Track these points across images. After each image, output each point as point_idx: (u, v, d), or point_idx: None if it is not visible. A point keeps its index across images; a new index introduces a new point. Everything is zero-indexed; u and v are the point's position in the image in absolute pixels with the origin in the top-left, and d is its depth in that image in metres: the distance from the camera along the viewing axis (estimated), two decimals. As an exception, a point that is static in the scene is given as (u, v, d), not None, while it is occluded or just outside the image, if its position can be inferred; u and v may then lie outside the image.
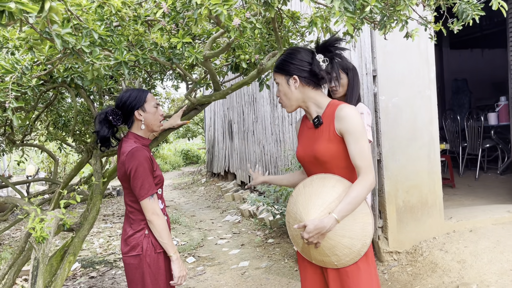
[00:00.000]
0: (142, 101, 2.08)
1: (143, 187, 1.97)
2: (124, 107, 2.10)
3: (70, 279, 4.38)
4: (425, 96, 3.92)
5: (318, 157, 1.80)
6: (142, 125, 2.10)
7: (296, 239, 1.81)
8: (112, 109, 2.13)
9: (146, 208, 2.00)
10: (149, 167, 2.01)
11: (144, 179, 1.98)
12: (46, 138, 4.17)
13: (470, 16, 1.67)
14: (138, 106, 2.08)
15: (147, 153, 2.04)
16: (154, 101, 2.14)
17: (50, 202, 3.21)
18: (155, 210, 2.00)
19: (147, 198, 1.98)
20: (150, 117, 2.10)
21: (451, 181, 5.99)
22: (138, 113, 2.09)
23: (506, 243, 3.57)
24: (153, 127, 2.14)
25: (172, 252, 2.05)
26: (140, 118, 2.09)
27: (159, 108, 2.16)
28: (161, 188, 2.16)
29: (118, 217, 7.78)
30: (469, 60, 9.81)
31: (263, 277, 4.07)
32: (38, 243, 2.05)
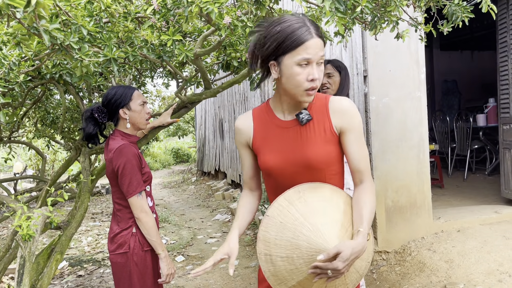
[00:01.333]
0: (127, 99, 2.07)
1: (131, 184, 1.96)
2: (109, 105, 2.08)
3: (58, 278, 4.34)
4: (415, 97, 3.94)
5: (312, 164, 1.43)
6: (128, 123, 2.09)
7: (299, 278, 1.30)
8: (98, 106, 2.11)
9: (134, 205, 1.98)
10: (137, 164, 2.00)
11: (132, 176, 1.96)
12: (34, 135, 4.12)
13: (460, 18, 1.68)
14: (123, 104, 2.06)
15: (135, 150, 2.02)
16: (141, 98, 2.11)
17: (37, 199, 3.18)
18: (143, 208, 1.98)
19: (135, 195, 1.97)
20: (135, 115, 2.09)
21: (440, 181, 6.05)
22: (123, 112, 2.07)
23: (493, 243, 3.61)
24: (139, 125, 2.12)
25: (160, 250, 2.04)
26: (124, 117, 2.08)
27: (146, 106, 2.13)
28: (150, 185, 2.14)
29: (106, 216, 7.72)
30: (459, 61, 9.91)
31: (252, 276, 4.06)
32: (24, 241, 2.03)
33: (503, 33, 4.64)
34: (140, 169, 2.03)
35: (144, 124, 2.13)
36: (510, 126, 4.65)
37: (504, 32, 4.61)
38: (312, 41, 1.30)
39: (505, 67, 4.62)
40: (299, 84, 1.34)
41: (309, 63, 1.32)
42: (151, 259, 2.08)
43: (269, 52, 1.36)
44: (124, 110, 2.07)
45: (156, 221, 2.18)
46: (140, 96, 2.12)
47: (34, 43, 1.80)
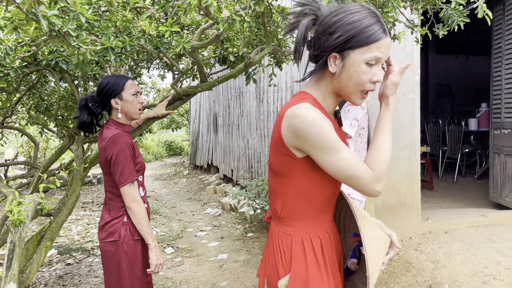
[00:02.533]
0: (119, 89, 2.06)
1: (123, 174, 1.96)
2: (101, 95, 2.08)
3: (46, 265, 4.33)
4: (409, 99, 3.98)
5: None
6: (119, 113, 2.08)
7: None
8: (92, 96, 2.11)
9: (125, 194, 1.99)
10: (131, 154, 2.00)
11: (125, 165, 1.97)
12: (27, 122, 4.11)
13: (455, 22, 1.71)
14: (115, 94, 2.06)
15: (129, 140, 2.02)
16: (134, 88, 2.10)
17: (28, 186, 3.17)
18: (135, 197, 1.99)
19: (127, 184, 1.97)
20: (127, 105, 2.08)
21: (429, 183, 6.11)
22: (115, 102, 2.07)
23: (479, 246, 3.67)
24: (131, 115, 2.11)
25: (150, 240, 2.05)
26: (116, 107, 2.07)
27: (139, 96, 2.13)
28: (142, 175, 2.15)
29: (97, 205, 7.70)
30: (453, 65, 9.98)
31: (241, 270, 4.09)
32: (15, 226, 2.03)
33: (498, 39, 4.68)
34: (133, 159, 2.03)
35: (136, 114, 2.13)
36: (501, 131, 4.71)
37: (499, 38, 4.66)
38: (386, 40, 1.20)
39: (499, 72, 4.67)
40: (361, 84, 1.21)
41: (377, 63, 1.21)
42: (141, 249, 2.09)
43: (337, 43, 1.18)
44: (116, 100, 2.07)
45: (148, 212, 2.19)
46: (133, 86, 2.11)
47: (32, 28, 1.80)
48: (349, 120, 2.41)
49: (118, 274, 2.04)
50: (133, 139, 2.17)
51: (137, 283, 2.07)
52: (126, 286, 2.05)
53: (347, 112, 2.44)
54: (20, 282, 2.20)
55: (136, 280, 2.07)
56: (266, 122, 6.40)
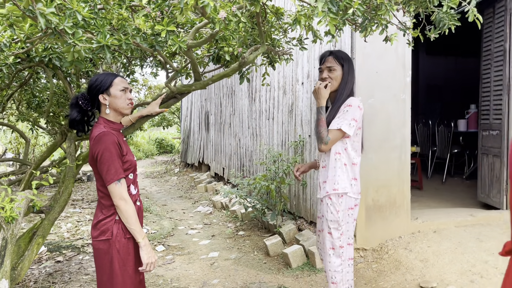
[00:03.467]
0: (107, 85, 2.06)
1: (109, 172, 1.96)
2: (90, 91, 2.09)
3: (36, 263, 4.31)
4: (400, 100, 4.03)
5: None
6: (107, 109, 2.08)
7: None
8: (82, 93, 2.12)
9: (112, 193, 1.99)
10: (117, 152, 2.00)
11: (110, 163, 1.96)
12: (17, 118, 4.07)
13: (446, 26, 1.74)
14: (103, 90, 2.06)
15: (115, 138, 2.02)
16: (122, 84, 2.10)
17: (20, 183, 3.15)
18: (122, 195, 1.98)
19: (114, 182, 1.97)
20: (115, 101, 2.07)
21: (419, 183, 6.18)
22: (103, 97, 2.07)
23: (467, 245, 3.73)
24: (120, 111, 2.11)
25: (140, 238, 2.04)
26: (104, 102, 2.07)
27: (128, 93, 2.13)
28: (133, 173, 2.15)
29: (87, 203, 7.66)
30: (443, 66, 10.08)
31: (232, 268, 4.11)
32: (7, 223, 2.03)
33: (487, 41, 4.76)
34: (120, 157, 2.02)
35: (125, 109, 2.12)
36: (489, 132, 4.79)
37: (488, 40, 4.73)
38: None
39: (488, 74, 4.75)
40: None
41: None
42: (133, 247, 2.09)
43: None
44: (103, 95, 2.07)
45: (141, 210, 2.20)
46: (122, 82, 2.11)
47: (27, 25, 1.80)
48: (348, 120, 2.42)
49: (110, 272, 2.05)
50: (123, 137, 2.18)
51: (129, 281, 2.07)
52: (118, 284, 2.05)
53: (345, 112, 2.44)
54: (11, 279, 2.20)
55: (128, 278, 2.07)
56: (258, 121, 6.42)
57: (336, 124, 2.43)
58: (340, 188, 2.49)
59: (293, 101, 5.12)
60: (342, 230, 2.51)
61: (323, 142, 2.43)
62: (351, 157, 2.52)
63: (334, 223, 2.50)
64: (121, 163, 2.02)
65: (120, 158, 2.02)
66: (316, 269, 3.87)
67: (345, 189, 2.50)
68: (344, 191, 2.50)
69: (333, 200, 2.50)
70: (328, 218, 2.52)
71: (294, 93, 5.08)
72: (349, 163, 2.52)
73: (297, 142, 4.89)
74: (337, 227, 2.50)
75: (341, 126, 2.41)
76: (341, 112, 2.46)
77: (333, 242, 2.52)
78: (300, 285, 3.63)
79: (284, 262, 4.15)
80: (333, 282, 2.55)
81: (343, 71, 2.52)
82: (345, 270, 2.55)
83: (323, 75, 2.54)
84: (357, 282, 3.54)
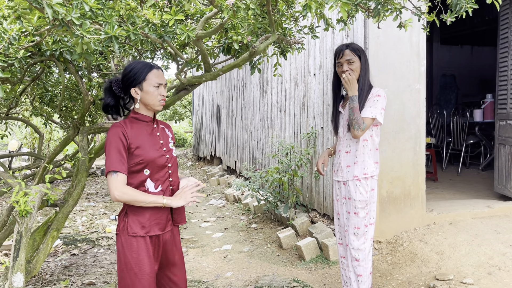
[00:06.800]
0: (141, 78, 1.95)
1: (106, 163, 1.90)
2: (123, 81, 1.99)
3: (51, 256, 4.36)
4: (414, 90, 3.95)
5: None
6: (137, 103, 1.98)
7: None
8: (117, 79, 2.00)
9: (108, 184, 1.92)
10: (116, 144, 1.91)
11: (108, 155, 1.90)
12: (31, 113, 4.11)
13: (463, 9, 1.68)
14: (136, 83, 1.96)
15: (119, 129, 1.93)
16: (156, 80, 1.97)
17: (34, 177, 3.18)
18: (116, 188, 1.87)
19: (109, 174, 1.88)
20: (147, 97, 1.97)
21: (434, 174, 6.09)
22: (135, 91, 1.97)
23: (484, 237, 3.66)
24: (152, 107, 2.00)
25: (162, 201, 1.95)
26: (136, 97, 1.97)
27: (161, 88, 2.00)
28: (150, 168, 1.99)
29: (101, 196, 7.73)
30: (458, 56, 9.89)
31: (245, 261, 4.11)
32: (21, 216, 2.04)
33: (504, 29, 4.63)
34: (122, 150, 1.92)
35: (157, 106, 2.00)
36: (506, 122, 4.68)
37: (505, 28, 4.61)
38: None
39: (505, 63, 4.63)
40: None
41: None
42: (137, 246, 1.96)
43: None
44: (136, 89, 1.96)
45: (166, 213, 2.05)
46: (157, 77, 1.98)
47: (35, 17, 1.79)
48: (379, 109, 2.61)
49: (119, 265, 2.00)
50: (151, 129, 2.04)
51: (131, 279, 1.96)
52: (122, 278, 1.99)
53: (376, 102, 2.61)
54: (27, 272, 2.22)
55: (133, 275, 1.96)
56: (270, 114, 6.38)
57: (370, 113, 2.60)
58: (369, 172, 2.69)
59: (305, 93, 5.06)
60: (368, 209, 2.70)
61: (360, 129, 2.58)
62: (375, 143, 2.73)
63: (362, 203, 2.68)
64: (123, 156, 1.92)
65: (121, 151, 1.91)
66: (330, 262, 3.84)
67: (373, 172, 2.70)
68: (372, 174, 2.69)
69: (362, 182, 2.68)
70: (357, 199, 2.68)
71: (306, 85, 5.02)
72: (373, 148, 2.72)
73: (310, 134, 4.84)
74: (364, 207, 2.69)
75: (376, 115, 2.60)
76: (370, 101, 2.63)
77: (359, 221, 2.69)
78: (314, 277, 3.60)
79: (298, 255, 4.13)
80: (356, 259, 2.71)
81: (361, 62, 2.66)
82: (367, 249, 2.72)
83: (344, 68, 2.65)
84: (372, 275, 3.50)
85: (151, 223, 1.98)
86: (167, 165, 2.06)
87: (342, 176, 2.77)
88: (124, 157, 1.92)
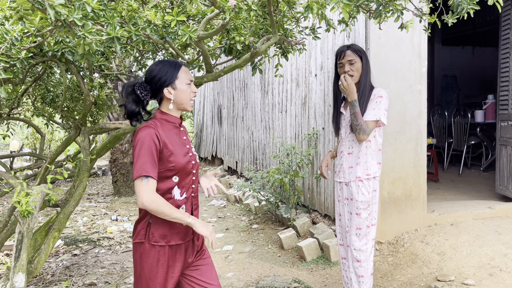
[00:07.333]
0: (174, 77, 1.86)
1: (135, 166, 1.78)
2: (153, 83, 1.87)
3: (53, 256, 4.37)
4: (416, 90, 3.95)
5: None
6: (171, 104, 1.88)
7: None
8: (141, 83, 1.88)
9: (135, 190, 1.77)
10: (150, 147, 1.79)
11: (138, 158, 1.77)
12: (33, 113, 4.11)
13: (465, 10, 1.68)
14: (169, 83, 1.85)
15: (154, 131, 1.81)
16: (188, 77, 1.89)
17: (35, 177, 3.18)
18: (146, 194, 1.75)
19: (139, 179, 1.76)
20: (181, 95, 1.88)
21: (435, 175, 6.08)
22: (168, 91, 1.86)
23: (485, 238, 3.65)
24: (184, 106, 1.92)
25: (187, 220, 1.82)
26: (169, 97, 1.87)
27: (192, 85, 1.93)
28: (179, 175, 1.90)
29: (102, 197, 7.74)
30: (460, 57, 9.88)
31: (246, 261, 4.11)
32: (23, 217, 2.04)
33: (506, 29, 4.63)
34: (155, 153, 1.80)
35: (189, 106, 1.92)
36: (508, 123, 4.68)
37: (507, 28, 4.60)
38: None
39: (506, 64, 4.63)
40: None
41: None
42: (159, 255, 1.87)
43: None
44: (168, 89, 1.86)
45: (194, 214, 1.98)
46: (187, 74, 1.90)
47: (37, 18, 1.79)
48: (382, 110, 2.61)
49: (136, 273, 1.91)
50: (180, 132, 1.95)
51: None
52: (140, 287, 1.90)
53: (379, 103, 2.61)
54: (28, 272, 2.22)
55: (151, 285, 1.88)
56: (271, 114, 6.38)
57: (374, 115, 2.60)
58: (372, 173, 2.68)
59: (306, 94, 5.07)
60: (370, 210, 2.69)
61: (366, 133, 2.58)
62: (378, 143, 2.73)
63: (364, 204, 2.67)
64: (155, 161, 1.80)
65: (154, 154, 1.79)
66: (331, 262, 3.84)
67: (375, 173, 2.69)
68: (375, 175, 2.69)
69: (364, 183, 2.68)
70: (359, 199, 2.68)
71: (307, 85, 5.03)
72: (376, 149, 2.72)
73: (311, 135, 4.84)
74: (366, 207, 2.68)
75: (379, 116, 2.60)
76: (373, 102, 2.62)
77: (361, 222, 2.68)
78: (315, 278, 3.60)
79: (299, 256, 4.13)
80: (358, 260, 2.71)
81: (362, 63, 2.64)
82: (369, 249, 2.72)
83: (345, 68, 2.64)
84: (373, 276, 3.50)
85: (173, 232, 1.88)
86: (192, 172, 1.96)
87: (344, 177, 2.76)
88: (156, 161, 1.81)
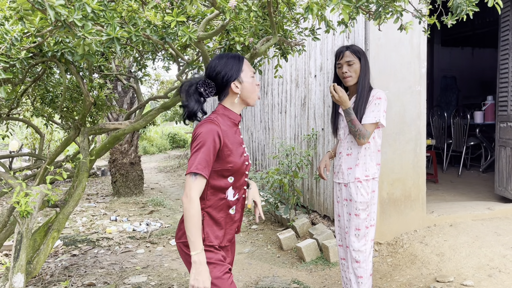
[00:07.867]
0: (239, 71, 1.80)
1: (191, 160, 1.71)
2: (218, 78, 1.80)
3: (52, 256, 4.36)
4: (415, 91, 3.95)
5: None
6: (237, 98, 1.82)
7: None
8: (204, 80, 1.81)
9: (186, 182, 1.72)
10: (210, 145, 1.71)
11: (197, 153, 1.71)
12: (32, 114, 4.11)
13: (464, 11, 1.68)
14: (235, 77, 1.80)
15: (218, 128, 1.74)
16: (251, 69, 1.85)
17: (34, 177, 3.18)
18: (189, 192, 1.69)
19: (189, 174, 1.70)
20: (248, 88, 1.82)
21: (434, 176, 6.09)
22: (235, 86, 1.80)
23: (484, 239, 3.66)
24: (249, 101, 1.86)
25: (192, 251, 1.69)
26: (236, 91, 1.81)
27: (255, 78, 1.87)
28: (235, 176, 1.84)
29: (102, 197, 7.74)
30: (459, 58, 9.89)
31: (245, 262, 4.11)
32: (22, 217, 2.04)
33: (505, 31, 4.64)
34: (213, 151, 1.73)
35: (254, 100, 1.87)
36: (507, 124, 4.68)
37: (506, 30, 4.61)
38: None
39: (506, 65, 4.63)
40: None
41: None
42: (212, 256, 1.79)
43: None
44: (235, 83, 1.80)
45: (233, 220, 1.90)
46: (250, 66, 1.85)
47: (37, 19, 1.79)
48: (381, 112, 2.61)
49: None
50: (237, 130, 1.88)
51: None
52: None
53: (378, 105, 2.60)
54: (27, 272, 2.22)
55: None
56: (270, 115, 6.38)
57: (373, 118, 2.60)
58: (370, 174, 2.69)
59: (305, 94, 5.07)
60: (369, 211, 2.70)
61: (366, 137, 2.59)
62: (377, 144, 2.73)
63: (363, 205, 2.68)
64: (211, 159, 1.73)
65: (211, 153, 1.72)
66: (330, 263, 3.84)
67: (374, 174, 2.70)
68: (373, 176, 2.69)
69: (363, 184, 2.68)
70: (358, 200, 2.68)
71: (307, 86, 5.03)
72: (375, 150, 2.72)
73: (310, 136, 4.84)
74: (365, 208, 2.69)
75: (379, 119, 2.60)
76: (372, 104, 2.61)
77: (360, 223, 2.69)
78: (314, 279, 3.60)
79: (298, 256, 4.13)
80: (357, 261, 2.71)
81: (360, 64, 2.64)
82: (368, 250, 2.72)
83: (343, 69, 2.64)
84: (372, 276, 3.50)
85: (224, 234, 1.86)
86: (245, 173, 1.90)
87: (343, 178, 2.76)
88: (212, 160, 1.74)
